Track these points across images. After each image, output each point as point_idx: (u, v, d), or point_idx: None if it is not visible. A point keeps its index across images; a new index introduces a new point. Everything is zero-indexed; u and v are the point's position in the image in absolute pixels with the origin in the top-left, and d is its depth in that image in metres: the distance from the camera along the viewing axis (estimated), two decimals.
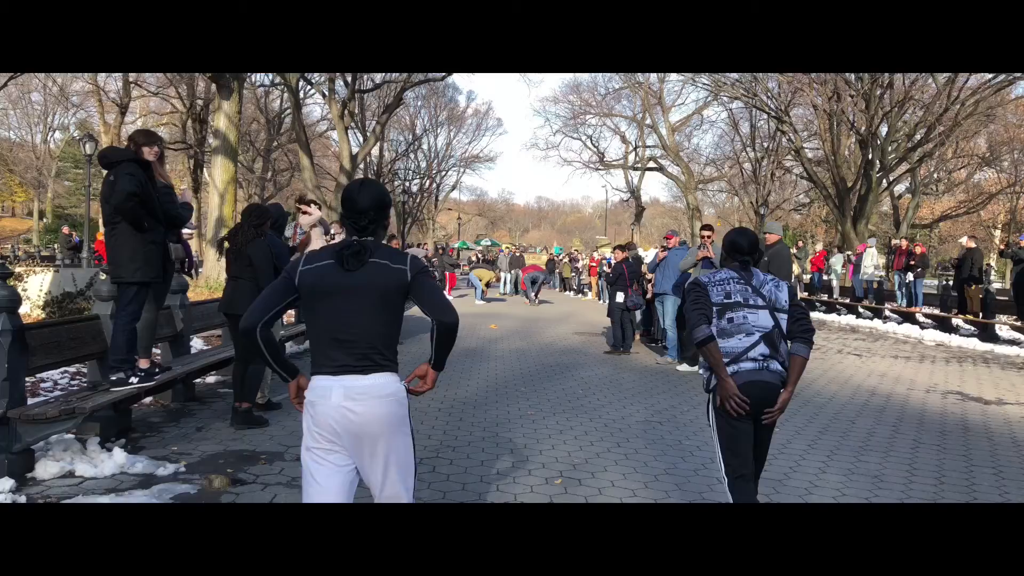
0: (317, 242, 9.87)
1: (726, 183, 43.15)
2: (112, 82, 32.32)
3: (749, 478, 3.08)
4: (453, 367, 8.45)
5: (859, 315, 18.01)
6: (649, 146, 42.56)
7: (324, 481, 2.38)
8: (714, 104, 38.18)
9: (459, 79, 49.02)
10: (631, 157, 44.28)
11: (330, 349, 2.34)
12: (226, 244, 5.55)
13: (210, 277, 15.69)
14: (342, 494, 2.39)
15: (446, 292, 15.04)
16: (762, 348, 3.05)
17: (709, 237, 9.05)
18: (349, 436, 2.33)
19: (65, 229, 28.13)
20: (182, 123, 35.40)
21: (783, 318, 3.13)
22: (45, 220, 50.39)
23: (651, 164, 42.57)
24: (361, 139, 36.01)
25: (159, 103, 38.45)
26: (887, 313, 17.34)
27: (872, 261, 17.94)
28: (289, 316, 10.88)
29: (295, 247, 6.64)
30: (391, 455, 2.38)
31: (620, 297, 10.70)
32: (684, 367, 9.30)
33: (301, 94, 30.15)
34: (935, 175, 34.58)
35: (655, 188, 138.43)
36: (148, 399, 6.11)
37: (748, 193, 39.05)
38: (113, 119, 32.43)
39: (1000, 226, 41.39)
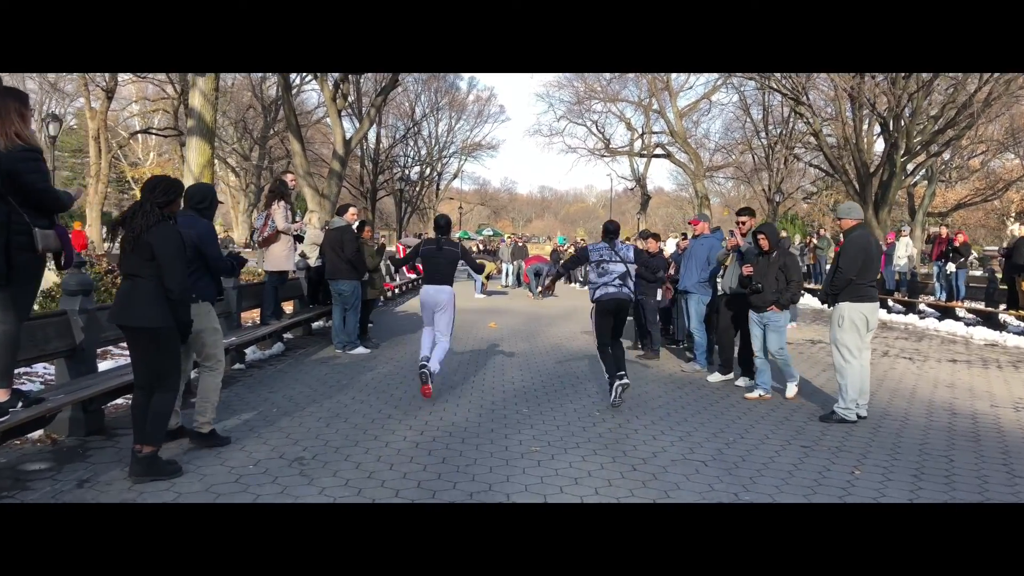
0: (284, 239, 8.63)
1: (735, 170, 41.52)
2: None
3: (608, 345, 6.49)
4: (442, 383, 7.01)
5: (890, 309, 16.53)
6: (656, 132, 40.95)
7: (426, 324, 6.73)
8: (724, 87, 36.45)
9: None
10: (637, 144, 42.61)
11: (431, 278, 6.68)
12: (119, 230, 4.02)
13: None
14: (429, 329, 6.71)
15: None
16: (617, 281, 6.42)
17: (746, 224, 7.60)
18: (434, 305, 6.62)
19: None
20: (174, 109, 34.09)
21: (632, 267, 6.51)
22: None
23: (658, 151, 40.95)
24: (357, 124, 34.51)
25: (156, 91, 37.16)
26: (922, 308, 15.87)
27: (906, 251, 16.44)
28: (251, 313, 9.47)
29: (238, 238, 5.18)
30: (445, 314, 6.64)
31: (659, 295, 9.48)
32: (716, 376, 7.87)
33: (295, 78, 28.65)
34: (952, 162, 33.02)
35: (660, 177, 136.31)
36: (37, 433, 4.69)
37: (759, 180, 37.50)
38: (99, 104, 31.15)
39: (1015, 215, 39.75)
